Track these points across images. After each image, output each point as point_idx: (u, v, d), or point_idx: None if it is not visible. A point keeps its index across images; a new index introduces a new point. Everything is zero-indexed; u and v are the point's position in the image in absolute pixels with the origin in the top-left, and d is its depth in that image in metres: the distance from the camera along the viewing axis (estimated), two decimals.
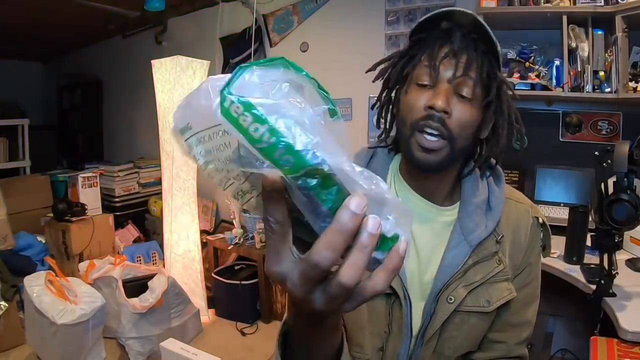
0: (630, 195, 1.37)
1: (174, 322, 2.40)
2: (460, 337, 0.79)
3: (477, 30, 0.73)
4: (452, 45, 0.72)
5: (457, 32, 0.73)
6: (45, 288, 1.95)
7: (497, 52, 0.75)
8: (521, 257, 0.83)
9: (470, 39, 0.73)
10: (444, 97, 0.71)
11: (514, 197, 0.86)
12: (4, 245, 2.72)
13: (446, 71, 0.72)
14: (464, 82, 0.72)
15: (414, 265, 0.80)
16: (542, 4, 2.28)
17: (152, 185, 3.97)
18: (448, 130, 0.72)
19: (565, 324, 2.44)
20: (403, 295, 0.77)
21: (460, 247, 0.78)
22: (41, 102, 5.75)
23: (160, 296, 2.24)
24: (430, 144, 0.72)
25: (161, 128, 2.88)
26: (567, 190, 2.45)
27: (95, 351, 1.94)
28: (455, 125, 0.72)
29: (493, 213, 0.81)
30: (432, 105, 0.71)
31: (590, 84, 2.18)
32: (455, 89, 0.72)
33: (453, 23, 0.74)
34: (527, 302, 0.85)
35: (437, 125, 0.71)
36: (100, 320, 2.02)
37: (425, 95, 0.73)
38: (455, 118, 0.72)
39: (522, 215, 0.84)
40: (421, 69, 0.74)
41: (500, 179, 0.85)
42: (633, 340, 1.33)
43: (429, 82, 0.73)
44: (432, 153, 0.73)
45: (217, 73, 3.72)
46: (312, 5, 3.23)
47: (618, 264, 1.53)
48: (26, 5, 3.37)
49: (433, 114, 0.71)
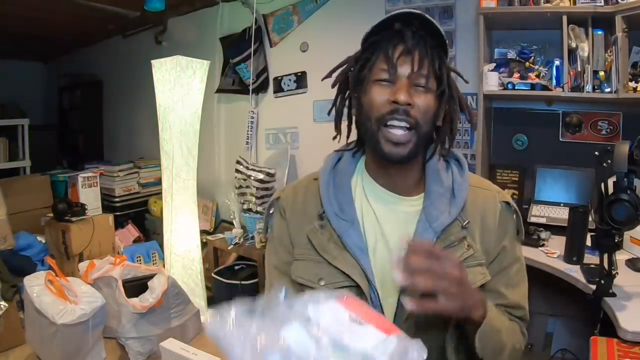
0: (630, 195, 1.37)
1: (174, 322, 2.39)
2: (438, 320, 0.79)
3: (425, 27, 0.80)
4: (405, 44, 0.79)
5: (407, 32, 0.80)
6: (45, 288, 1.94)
7: (444, 45, 0.82)
8: (493, 241, 0.85)
9: (419, 36, 0.80)
10: (405, 92, 0.78)
11: (480, 185, 0.90)
12: (4, 245, 2.72)
13: (403, 68, 0.79)
14: (419, 76, 0.79)
15: (385, 258, 0.83)
16: (542, 4, 2.28)
17: (152, 185, 3.97)
18: (414, 119, 0.79)
19: (565, 324, 2.44)
20: (368, 286, 0.80)
21: (425, 235, 0.81)
22: (41, 102, 5.75)
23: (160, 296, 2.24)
24: (400, 137, 0.79)
25: (161, 128, 2.87)
26: (567, 190, 2.45)
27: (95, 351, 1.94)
28: (419, 113, 0.79)
29: (457, 200, 0.85)
30: (395, 99, 0.78)
31: (590, 84, 2.18)
32: (413, 82, 0.79)
33: (403, 23, 0.80)
34: (511, 285, 0.87)
35: (403, 117, 0.79)
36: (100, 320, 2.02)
37: (387, 92, 0.80)
38: (417, 107, 0.79)
39: (489, 201, 0.88)
40: (378, 68, 0.81)
41: (463, 169, 0.90)
42: (633, 340, 1.33)
43: (388, 79, 0.80)
44: (400, 146, 0.80)
45: (217, 73, 3.74)
46: (312, 5, 3.23)
47: (618, 264, 1.53)
48: (26, 5, 3.37)
49: (398, 108, 0.78)
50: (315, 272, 0.84)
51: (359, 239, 0.83)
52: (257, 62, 3.39)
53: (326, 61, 0.82)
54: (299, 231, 0.88)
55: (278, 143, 3.51)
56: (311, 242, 0.85)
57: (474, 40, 2.46)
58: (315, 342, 0.53)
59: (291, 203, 0.92)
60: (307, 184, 0.93)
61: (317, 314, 0.57)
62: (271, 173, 3.05)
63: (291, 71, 3.36)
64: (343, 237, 0.83)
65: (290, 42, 3.36)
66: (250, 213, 3.10)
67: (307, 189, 0.92)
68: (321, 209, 0.87)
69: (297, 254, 0.88)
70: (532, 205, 2.46)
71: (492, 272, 0.85)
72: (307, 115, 3.30)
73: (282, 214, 0.92)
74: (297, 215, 0.90)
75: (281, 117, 3.46)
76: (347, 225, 0.84)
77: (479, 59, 2.41)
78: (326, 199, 0.87)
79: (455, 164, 0.90)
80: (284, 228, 0.91)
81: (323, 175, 0.90)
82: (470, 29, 2.58)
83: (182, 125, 2.84)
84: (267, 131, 3.55)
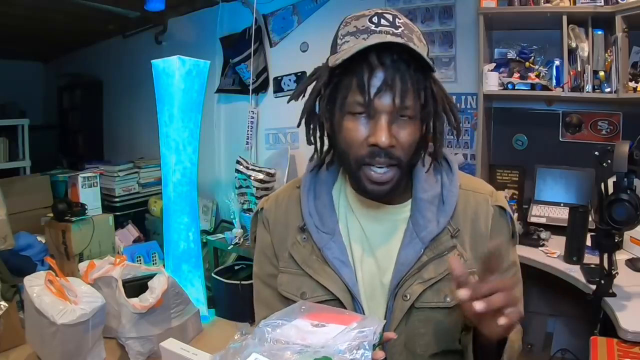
0: (630, 195, 1.37)
1: (174, 322, 2.39)
2: (429, 333, 0.79)
3: (406, 49, 0.69)
4: (385, 74, 0.69)
5: (387, 59, 0.69)
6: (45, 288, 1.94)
7: (429, 63, 0.71)
8: (485, 246, 0.81)
9: (401, 61, 0.69)
10: (386, 133, 0.70)
11: (471, 187, 0.85)
12: (4, 245, 2.72)
13: (382, 103, 0.70)
14: (402, 108, 0.70)
15: (372, 268, 0.81)
16: (542, 4, 2.28)
17: (152, 185, 3.97)
18: (396, 159, 0.73)
19: (565, 324, 2.44)
20: (350, 299, 0.78)
21: (412, 245, 0.78)
22: (41, 102, 5.75)
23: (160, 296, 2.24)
24: (382, 177, 0.73)
25: None
26: (567, 190, 2.45)
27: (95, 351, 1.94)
28: (402, 151, 0.73)
29: (445, 208, 0.80)
30: (376, 142, 0.70)
31: (590, 84, 2.18)
32: (394, 116, 0.71)
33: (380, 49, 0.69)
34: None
35: (385, 160, 0.72)
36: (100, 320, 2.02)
37: (364, 128, 0.72)
38: (400, 144, 0.72)
39: (481, 205, 0.83)
40: (353, 99, 0.71)
41: (452, 172, 0.84)
42: (633, 340, 1.33)
43: (365, 113, 0.71)
44: (384, 184, 0.74)
45: (217, 73, 3.73)
46: (312, 5, 3.23)
47: (618, 264, 1.53)
48: (26, 5, 3.37)
49: (379, 151, 0.71)
50: (297, 286, 0.82)
51: (339, 252, 0.80)
52: (257, 62, 3.39)
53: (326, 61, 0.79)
54: (282, 244, 0.86)
55: (278, 143, 3.51)
56: (292, 257, 0.83)
57: (474, 40, 2.46)
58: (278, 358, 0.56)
59: (274, 215, 0.89)
60: (289, 193, 0.90)
61: (277, 334, 0.60)
62: (271, 173, 3.05)
63: (291, 71, 3.36)
64: (324, 250, 0.80)
65: (290, 42, 3.36)
66: (250, 213, 3.10)
67: (289, 198, 0.89)
68: (302, 221, 0.84)
69: (281, 267, 0.86)
70: (532, 205, 2.46)
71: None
72: None
73: (266, 226, 0.90)
74: (280, 227, 0.88)
75: (281, 117, 3.46)
76: (328, 238, 0.81)
77: (479, 59, 2.41)
78: (306, 210, 0.84)
79: (444, 165, 0.85)
80: (268, 241, 0.89)
81: (304, 184, 0.87)
82: (470, 29, 2.58)
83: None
84: (267, 131, 3.55)
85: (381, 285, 0.81)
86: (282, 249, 0.86)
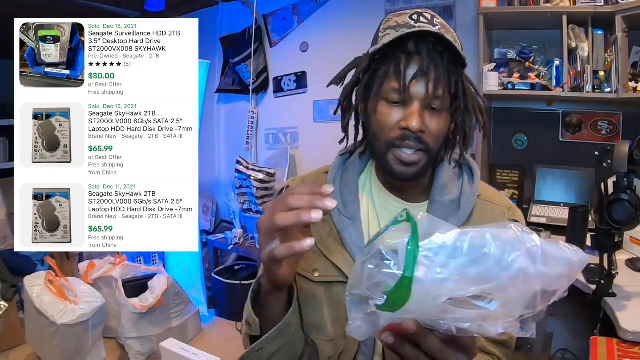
0: (630, 195, 1.37)
1: (174, 322, 2.40)
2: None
3: (441, 42, 0.73)
4: (420, 62, 0.72)
5: (423, 49, 0.72)
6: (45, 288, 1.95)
7: (462, 58, 0.75)
8: None
9: (436, 52, 0.73)
10: (418, 118, 0.73)
11: (490, 199, 0.86)
12: (4, 245, 2.72)
13: (416, 89, 0.73)
14: (434, 98, 0.73)
15: None
16: (542, 4, 2.28)
17: None
18: (425, 144, 0.75)
19: (565, 324, 2.44)
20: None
21: None
22: None
23: (160, 296, 2.24)
24: (410, 157, 0.75)
25: None
26: (567, 190, 2.45)
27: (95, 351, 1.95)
28: (431, 138, 0.75)
29: (460, 213, 0.81)
30: (407, 126, 0.73)
31: (590, 84, 2.18)
32: (426, 104, 0.74)
33: (417, 39, 0.73)
34: None
35: (415, 144, 0.75)
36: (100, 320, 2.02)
37: (397, 113, 0.75)
38: (430, 132, 0.75)
39: (497, 218, 0.84)
40: (389, 86, 0.74)
41: (474, 179, 0.85)
42: (633, 340, 1.33)
43: (399, 100, 0.74)
44: (411, 166, 0.76)
45: (217, 73, 3.73)
46: (312, 5, 3.23)
47: (618, 264, 1.53)
48: (26, 5, 3.37)
49: (409, 134, 0.74)
50: (310, 263, 0.83)
51: (358, 238, 0.82)
52: (257, 62, 3.39)
53: (326, 61, 0.80)
54: None
55: (278, 143, 3.51)
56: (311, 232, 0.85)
57: (474, 40, 2.46)
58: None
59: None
60: (316, 177, 0.93)
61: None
62: (271, 173, 3.05)
63: (291, 71, 3.36)
64: (342, 233, 0.82)
65: (290, 42, 3.36)
66: (250, 213, 3.10)
67: (315, 181, 0.91)
68: None
69: None
70: (532, 205, 2.46)
71: None
72: (307, 115, 3.30)
73: None
74: None
75: (281, 117, 3.46)
76: (348, 223, 0.83)
77: (479, 59, 2.41)
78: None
79: (467, 172, 0.86)
80: None
81: (332, 169, 0.89)
82: (470, 29, 2.58)
83: None
84: (267, 131, 3.55)
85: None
86: None
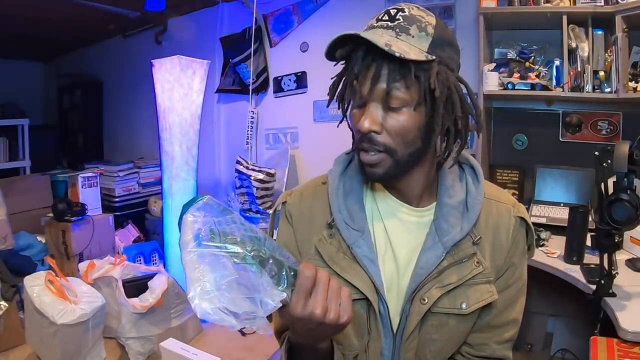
0: (630, 195, 1.37)
1: (174, 322, 2.40)
2: (441, 340, 0.79)
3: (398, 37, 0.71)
4: (372, 64, 0.70)
5: (377, 51, 0.68)
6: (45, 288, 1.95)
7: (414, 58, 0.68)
8: (503, 257, 0.82)
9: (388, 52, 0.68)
10: (367, 119, 0.72)
11: (495, 197, 0.85)
12: (4, 245, 2.72)
13: (369, 90, 0.71)
14: (390, 94, 0.70)
15: (392, 269, 0.81)
16: (542, 4, 2.28)
17: (152, 185, 3.97)
18: (382, 145, 0.73)
19: (565, 324, 2.44)
20: (377, 298, 0.78)
21: (434, 249, 0.78)
22: (41, 102, 5.75)
23: (160, 296, 2.24)
24: (370, 159, 0.75)
25: (161, 128, 2.88)
26: (567, 190, 2.45)
27: (95, 351, 1.94)
28: (389, 138, 0.73)
29: (469, 214, 0.80)
30: (358, 128, 0.73)
31: (590, 84, 2.18)
32: (385, 102, 0.71)
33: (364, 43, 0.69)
34: (509, 304, 0.84)
35: (368, 145, 0.74)
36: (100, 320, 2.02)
37: (359, 117, 0.74)
38: (388, 132, 0.73)
39: (503, 216, 0.83)
40: (351, 90, 0.75)
41: (478, 179, 0.84)
42: (633, 340, 1.33)
43: (361, 103, 0.74)
44: (374, 167, 0.75)
45: (217, 73, 3.74)
46: (312, 5, 3.23)
47: (618, 264, 1.53)
48: (26, 5, 3.37)
49: (362, 137, 0.74)
50: None
51: (368, 250, 0.79)
52: (257, 62, 3.39)
53: (326, 61, 0.79)
54: (307, 240, 0.85)
55: (278, 143, 3.51)
56: (319, 253, 0.82)
57: (474, 40, 2.46)
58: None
59: (298, 210, 0.88)
60: (314, 190, 0.89)
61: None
62: (271, 173, 3.05)
63: (291, 71, 3.36)
64: (353, 247, 0.79)
65: (290, 42, 3.36)
66: (250, 213, 3.10)
67: (314, 194, 0.88)
68: (330, 218, 0.83)
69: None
70: (532, 205, 2.46)
71: (497, 289, 0.81)
72: (307, 115, 3.30)
73: (289, 220, 0.89)
74: (304, 223, 0.86)
75: (281, 117, 3.46)
76: (357, 235, 0.80)
77: (479, 59, 2.41)
78: (335, 206, 0.82)
79: (470, 172, 0.85)
80: (291, 235, 0.88)
81: (332, 180, 0.85)
82: (470, 29, 2.58)
83: (182, 125, 2.84)
84: (267, 131, 3.55)
85: (398, 286, 0.80)
86: (305, 246, 0.85)
